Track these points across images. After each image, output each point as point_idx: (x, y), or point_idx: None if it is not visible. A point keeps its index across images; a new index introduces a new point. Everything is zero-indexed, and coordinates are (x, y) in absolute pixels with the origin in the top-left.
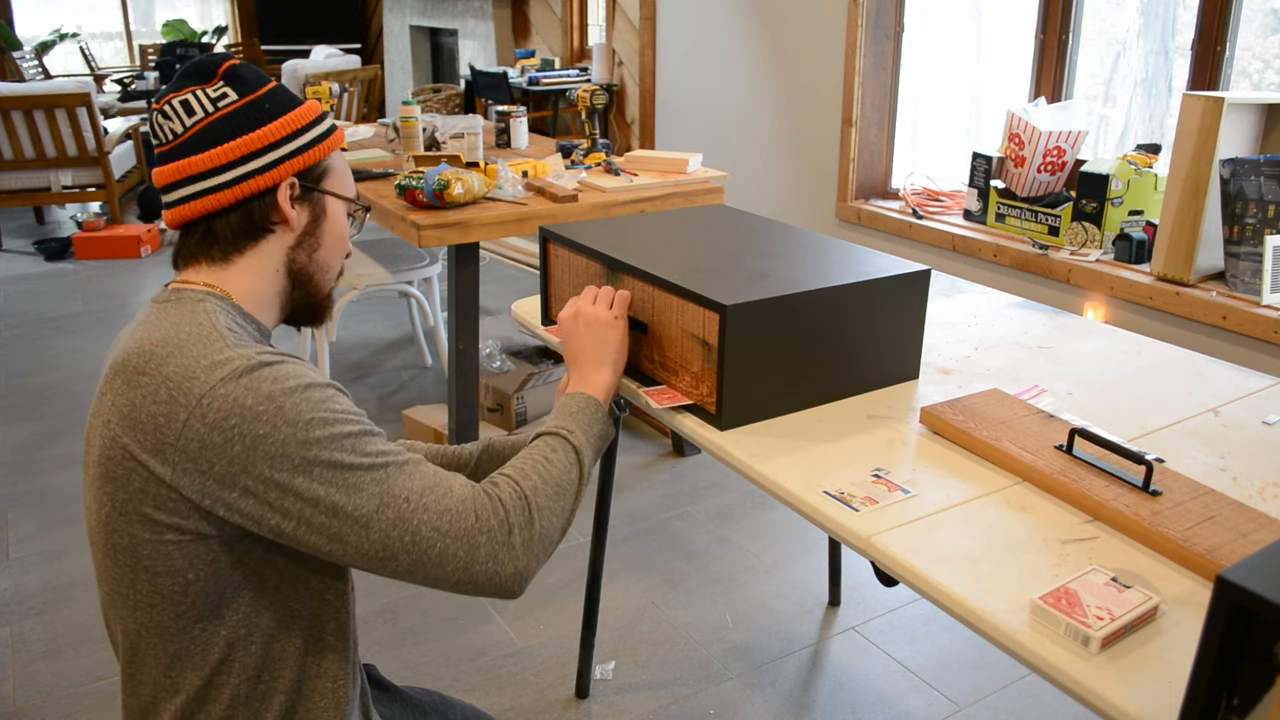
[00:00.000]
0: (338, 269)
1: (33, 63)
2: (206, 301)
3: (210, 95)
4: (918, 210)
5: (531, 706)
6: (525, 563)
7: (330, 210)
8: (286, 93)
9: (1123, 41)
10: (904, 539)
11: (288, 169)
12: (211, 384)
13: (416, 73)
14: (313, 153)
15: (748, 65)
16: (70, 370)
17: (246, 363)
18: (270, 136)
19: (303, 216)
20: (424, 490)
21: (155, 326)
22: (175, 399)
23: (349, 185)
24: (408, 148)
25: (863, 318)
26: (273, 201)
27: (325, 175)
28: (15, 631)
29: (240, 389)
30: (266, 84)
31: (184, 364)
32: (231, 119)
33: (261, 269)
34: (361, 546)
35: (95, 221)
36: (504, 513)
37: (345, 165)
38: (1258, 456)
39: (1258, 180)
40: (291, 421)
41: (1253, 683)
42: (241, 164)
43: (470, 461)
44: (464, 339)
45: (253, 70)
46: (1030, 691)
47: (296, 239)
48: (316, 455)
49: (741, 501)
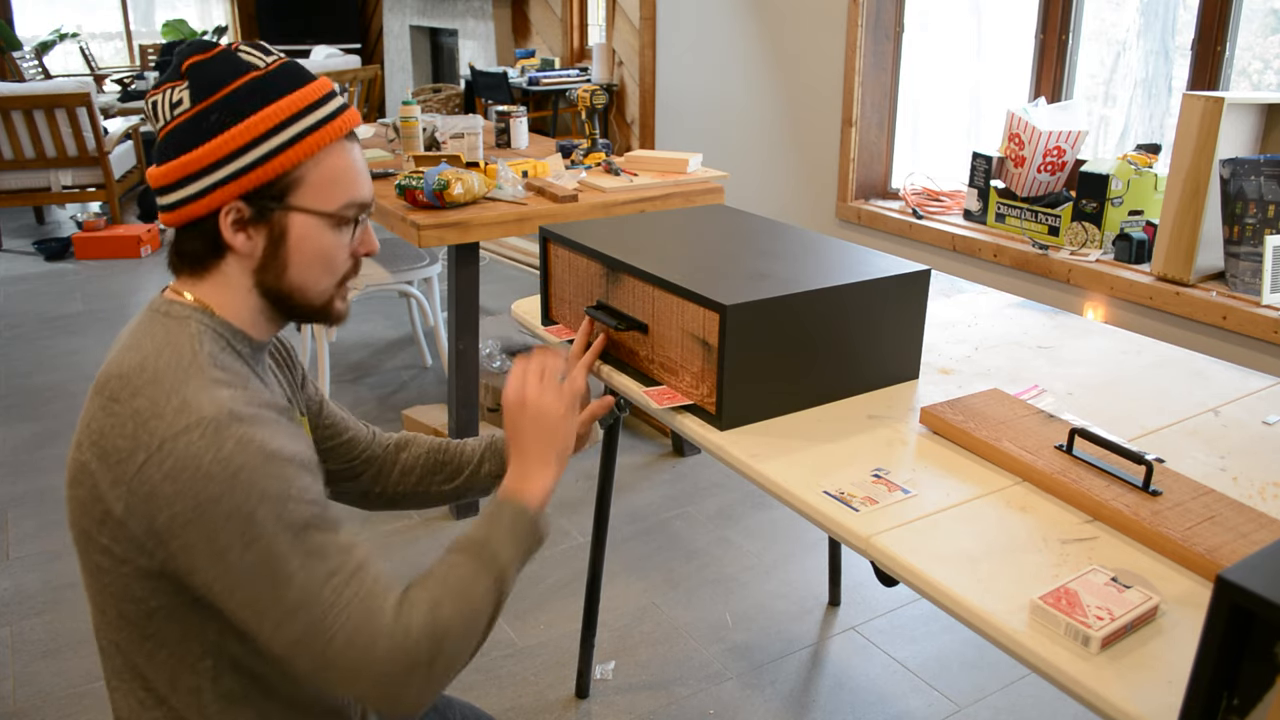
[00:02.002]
0: (326, 285)
1: (33, 63)
2: (191, 322)
3: (172, 99)
4: (918, 210)
5: (531, 706)
6: (423, 696)
7: (295, 229)
8: (253, 90)
9: (1123, 41)
10: (904, 539)
11: (225, 194)
12: (175, 430)
13: (416, 73)
14: (262, 170)
15: (748, 65)
16: (70, 370)
17: (215, 414)
18: (207, 157)
19: (258, 239)
20: (349, 605)
21: (139, 346)
22: (138, 437)
23: (333, 190)
24: (408, 148)
25: (863, 318)
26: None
27: (291, 189)
28: (15, 631)
29: (201, 444)
30: (225, 86)
31: (154, 399)
32: (177, 134)
33: (231, 287)
34: (274, 636)
35: (95, 221)
36: (411, 652)
37: (339, 162)
38: (1258, 456)
39: (1258, 180)
40: (243, 494)
41: (1253, 683)
42: (178, 188)
43: (473, 459)
44: (464, 339)
45: (220, 64)
46: (1030, 691)
47: (258, 262)
48: (256, 535)
49: (741, 501)
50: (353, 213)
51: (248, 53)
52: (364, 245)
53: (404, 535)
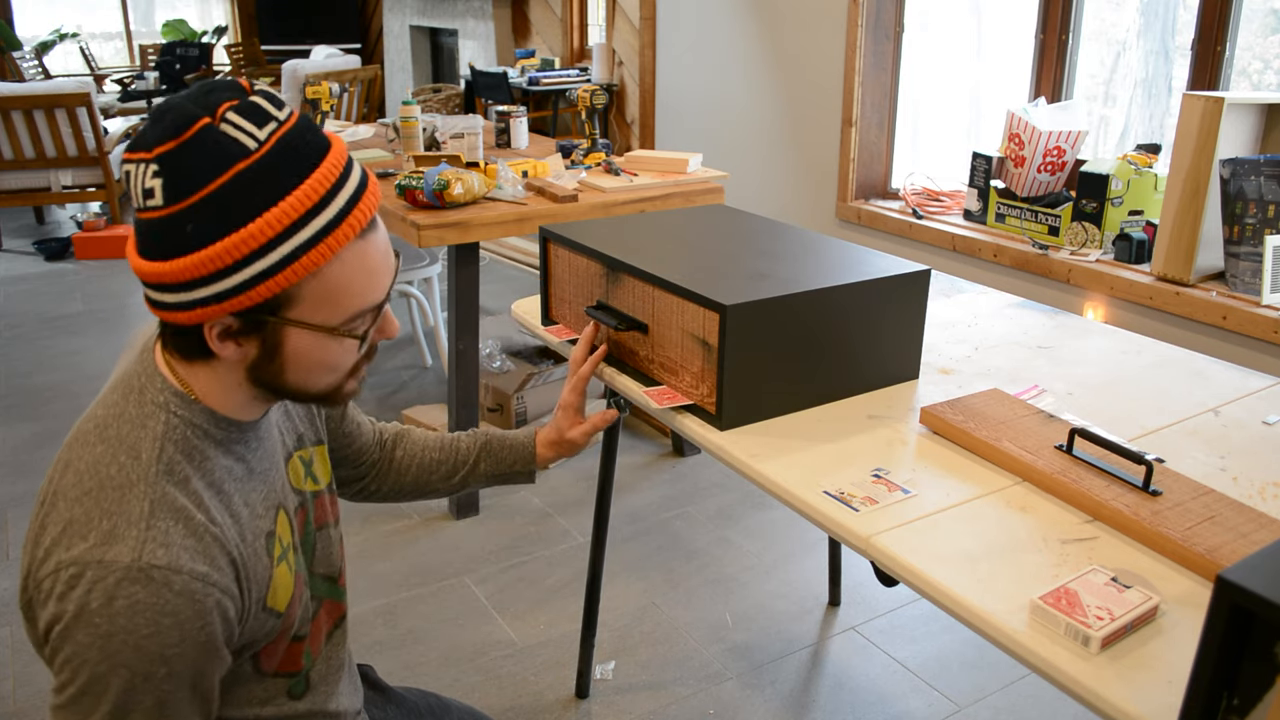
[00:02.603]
0: (331, 381)
1: (33, 63)
2: (161, 416)
3: (144, 184)
4: (918, 210)
5: (531, 706)
6: None
7: (293, 342)
8: (241, 190)
9: (1123, 41)
10: (904, 539)
11: (206, 314)
12: (87, 559)
13: (416, 73)
14: (253, 293)
15: (748, 65)
16: (70, 370)
17: (129, 562)
18: (184, 273)
19: (250, 349)
20: None
21: (103, 432)
22: (59, 544)
23: (340, 304)
24: (408, 148)
25: (863, 318)
26: (201, 334)
27: (288, 304)
28: (15, 631)
29: (98, 587)
30: (204, 186)
31: (89, 513)
32: (151, 231)
33: (221, 380)
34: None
35: (95, 221)
36: None
37: (348, 271)
38: (1258, 456)
39: (1258, 180)
40: (105, 655)
41: (1253, 683)
42: (156, 290)
43: (469, 459)
44: (464, 339)
45: (199, 153)
46: (1030, 691)
47: (250, 366)
48: (94, 692)
49: (741, 501)
50: (362, 326)
51: (238, 126)
52: (381, 335)
53: (404, 535)
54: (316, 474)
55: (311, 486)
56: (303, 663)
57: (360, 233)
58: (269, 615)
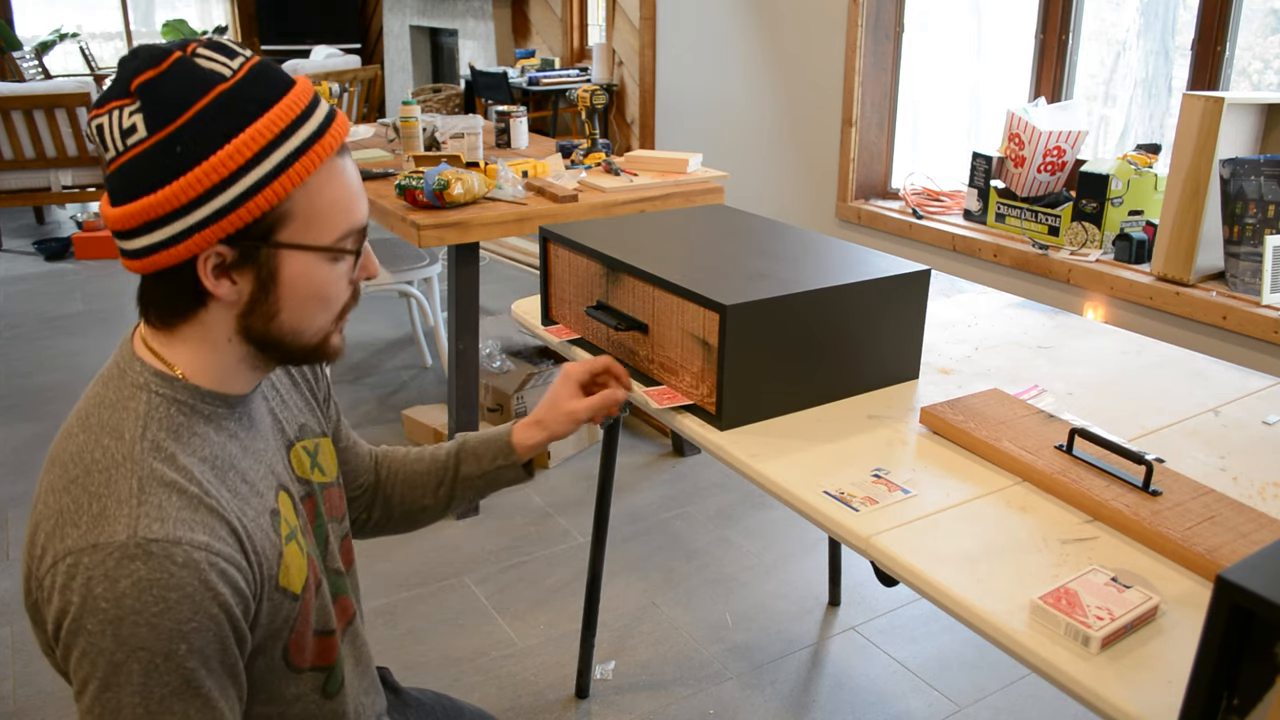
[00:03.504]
0: (322, 322)
1: (33, 63)
2: (143, 396)
3: (122, 125)
4: (918, 210)
5: (531, 706)
6: None
7: (288, 269)
8: (223, 109)
9: (1123, 41)
10: (904, 539)
11: (202, 241)
12: (81, 545)
13: (416, 73)
14: (246, 209)
15: (748, 65)
16: (70, 370)
17: (125, 540)
18: (176, 198)
19: (244, 285)
20: None
21: (86, 422)
22: (53, 537)
23: (329, 222)
24: (408, 148)
25: (863, 318)
26: (194, 274)
27: (279, 225)
28: (15, 631)
29: (98, 571)
30: (188, 108)
31: (78, 499)
32: (135, 169)
33: (210, 340)
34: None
35: (95, 221)
36: None
37: (333, 188)
38: (1258, 456)
39: (1258, 180)
40: (119, 640)
41: (1253, 683)
42: (143, 233)
43: (450, 464)
44: (464, 339)
45: (179, 79)
46: (1030, 691)
47: (244, 308)
48: (116, 683)
49: (741, 501)
50: (351, 243)
51: (209, 58)
52: (365, 271)
53: (404, 535)
54: (323, 466)
55: (320, 478)
56: (335, 657)
57: (338, 150)
58: (284, 597)
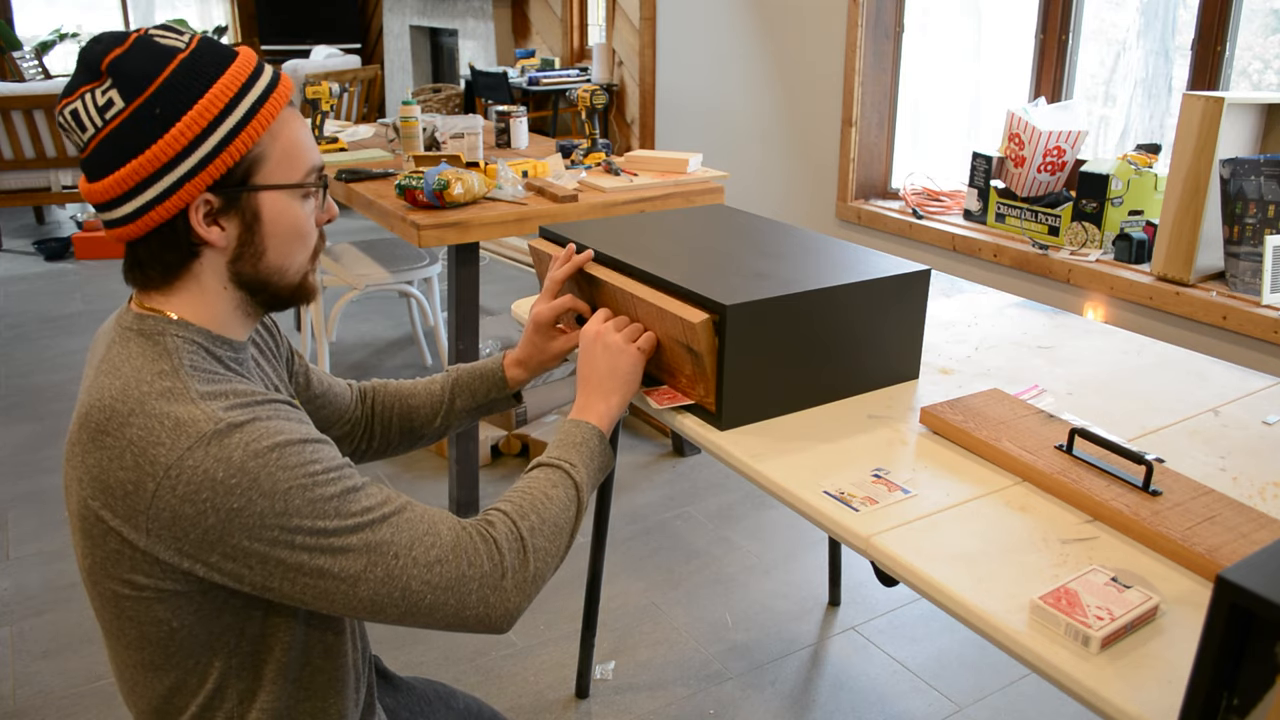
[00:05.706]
0: (301, 260)
1: (33, 63)
2: (167, 337)
3: (98, 103)
4: (918, 210)
5: (531, 706)
6: (516, 603)
7: (268, 208)
8: (189, 73)
9: (1123, 41)
10: (904, 539)
11: (192, 189)
12: (179, 453)
13: (416, 73)
14: (227, 154)
15: (748, 65)
16: (70, 370)
17: (214, 427)
18: (162, 156)
19: (231, 229)
20: (412, 543)
21: (118, 370)
22: (142, 466)
23: (294, 161)
24: (408, 148)
25: (863, 318)
26: (187, 225)
27: (254, 169)
28: (15, 631)
29: (209, 459)
30: (159, 74)
31: (148, 425)
32: (116, 139)
33: (206, 290)
34: (349, 601)
35: (95, 221)
36: (499, 556)
37: (292, 131)
38: (1258, 456)
39: (1258, 180)
40: (267, 493)
41: (1253, 683)
42: (135, 194)
43: (445, 397)
44: (464, 339)
45: (144, 54)
46: (1030, 691)
47: (233, 253)
48: (298, 525)
49: (741, 501)
50: (315, 179)
51: (164, 36)
52: (328, 213)
53: None
54: None
55: None
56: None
57: (290, 101)
58: None
